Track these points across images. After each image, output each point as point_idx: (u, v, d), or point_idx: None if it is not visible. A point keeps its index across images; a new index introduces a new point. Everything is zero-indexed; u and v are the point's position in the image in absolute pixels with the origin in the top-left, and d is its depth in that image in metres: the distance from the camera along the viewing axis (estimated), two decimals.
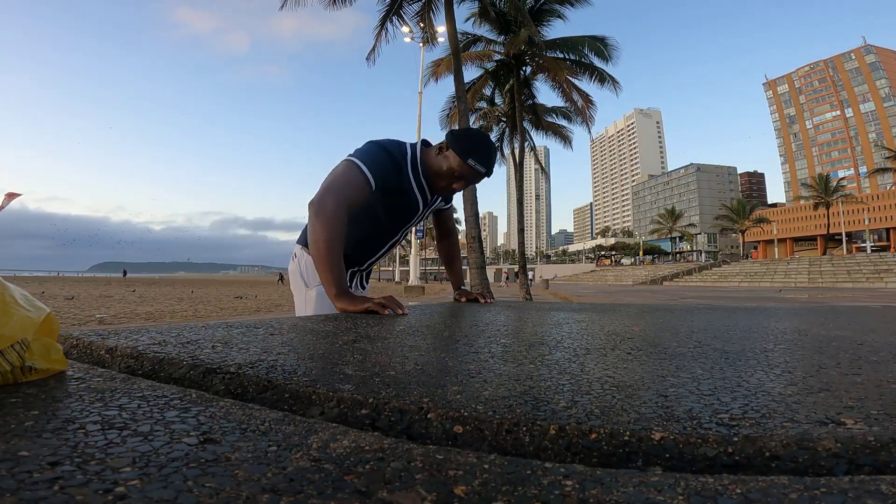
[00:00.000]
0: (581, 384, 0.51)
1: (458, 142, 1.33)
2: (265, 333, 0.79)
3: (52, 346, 0.48)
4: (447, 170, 1.34)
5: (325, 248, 1.18)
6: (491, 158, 1.36)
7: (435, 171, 1.36)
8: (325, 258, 1.18)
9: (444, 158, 1.34)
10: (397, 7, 11.39)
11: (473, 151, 1.32)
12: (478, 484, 0.28)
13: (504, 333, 0.91)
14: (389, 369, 0.56)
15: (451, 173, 1.34)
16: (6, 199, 1.97)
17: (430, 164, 1.37)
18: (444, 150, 1.34)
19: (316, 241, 1.19)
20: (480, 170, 1.34)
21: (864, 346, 0.81)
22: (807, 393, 0.49)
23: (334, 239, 1.18)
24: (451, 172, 1.34)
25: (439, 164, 1.35)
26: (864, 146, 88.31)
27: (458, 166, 1.33)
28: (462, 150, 1.32)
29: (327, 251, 1.18)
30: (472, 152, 1.32)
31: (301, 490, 0.26)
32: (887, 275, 26.61)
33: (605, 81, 14.00)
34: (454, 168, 1.33)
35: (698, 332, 0.97)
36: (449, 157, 1.33)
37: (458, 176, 1.35)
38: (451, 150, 1.33)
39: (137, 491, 0.25)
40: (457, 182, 1.36)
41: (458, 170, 1.33)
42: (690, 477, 0.30)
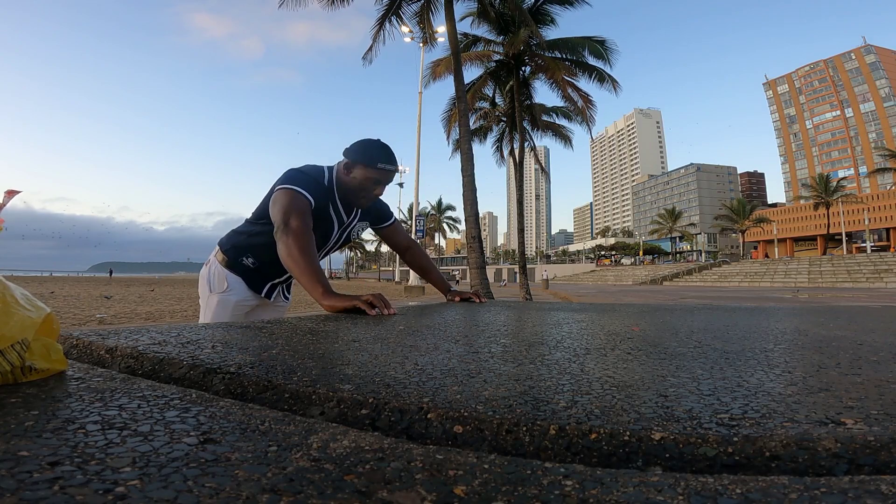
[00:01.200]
0: (581, 384, 0.51)
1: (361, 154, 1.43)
2: (265, 333, 0.79)
3: (52, 346, 0.48)
4: (362, 181, 1.43)
5: (301, 256, 1.22)
6: (392, 155, 1.46)
7: (351, 188, 1.45)
8: (303, 265, 1.22)
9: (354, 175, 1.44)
10: (396, 7, 11.39)
11: (378, 157, 1.42)
12: (478, 484, 0.28)
13: (504, 333, 0.91)
14: (389, 369, 0.56)
15: (368, 182, 1.44)
16: (6, 197, 1.96)
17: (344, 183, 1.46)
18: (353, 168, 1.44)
19: (290, 254, 1.24)
20: (392, 168, 1.45)
21: (864, 346, 0.81)
22: (807, 393, 0.49)
23: (306, 246, 1.24)
24: (366, 182, 1.44)
25: (352, 181, 1.44)
26: (864, 146, 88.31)
27: (371, 174, 1.43)
28: (369, 159, 1.42)
29: (303, 258, 1.22)
30: (377, 158, 1.42)
31: (301, 490, 0.26)
32: (887, 275, 26.61)
33: (604, 81, 13.98)
34: (369, 177, 1.43)
35: (698, 332, 0.97)
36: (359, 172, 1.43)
37: (375, 182, 1.45)
38: (358, 165, 1.43)
39: (137, 491, 0.25)
40: (375, 188, 1.46)
41: (373, 176, 1.43)
42: (690, 477, 0.30)
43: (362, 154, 1.43)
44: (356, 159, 1.43)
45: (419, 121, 21.99)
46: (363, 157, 1.42)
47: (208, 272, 1.57)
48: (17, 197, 3.06)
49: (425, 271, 1.82)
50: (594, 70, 14.02)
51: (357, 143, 1.47)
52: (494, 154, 18.73)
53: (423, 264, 1.83)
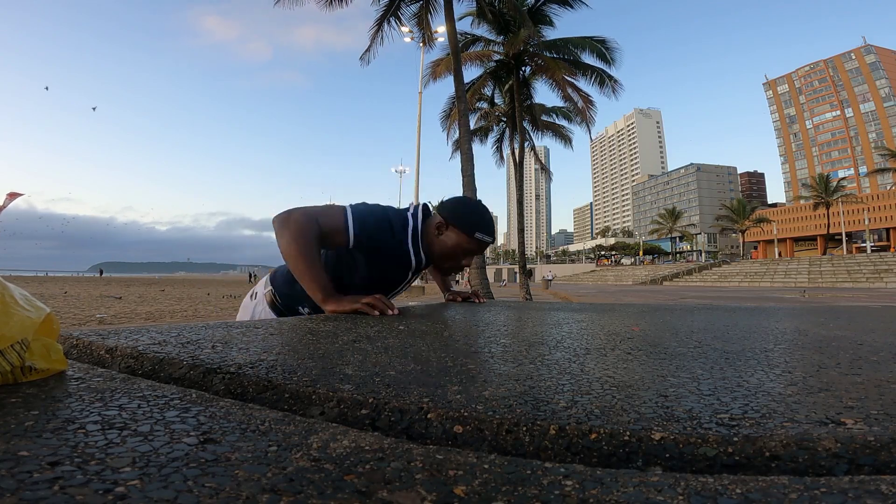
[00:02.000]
0: (581, 384, 0.51)
1: (459, 218, 1.31)
2: (265, 333, 0.79)
3: (52, 346, 0.48)
4: (453, 247, 1.31)
5: (300, 256, 1.15)
6: (492, 224, 1.35)
7: (439, 252, 1.33)
8: (303, 266, 1.15)
9: (447, 238, 1.31)
10: (395, 8, 11.40)
11: (477, 225, 1.31)
12: (478, 484, 0.28)
13: (504, 333, 0.91)
14: (389, 369, 0.56)
15: (460, 251, 1.32)
16: (7, 199, 1.96)
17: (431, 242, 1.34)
18: (444, 230, 1.31)
19: (289, 252, 1.16)
20: (489, 240, 1.33)
21: (864, 346, 0.81)
22: (807, 393, 0.49)
23: (306, 244, 1.16)
24: (458, 250, 1.32)
25: (443, 243, 1.32)
26: (864, 146, 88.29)
27: (466, 243, 1.31)
28: (467, 226, 1.30)
29: (303, 258, 1.15)
30: (476, 226, 1.30)
31: (301, 490, 0.26)
32: (887, 275, 26.60)
33: (604, 85, 13.98)
34: (462, 245, 1.31)
35: (698, 332, 0.97)
36: (452, 236, 1.31)
37: (467, 252, 1.33)
38: (452, 228, 1.31)
39: (137, 491, 0.25)
40: (465, 258, 1.34)
41: (467, 246, 1.31)
42: (690, 477, 0.30)
43: (461, 218, 1.30)
44: (454, 222, 1.30)
45: (419, 121, 21.99)
46: (461, 222, 1.30)
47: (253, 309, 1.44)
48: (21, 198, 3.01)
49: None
50: (594, 71, 14.01)
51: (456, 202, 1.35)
52: (494, 154, 18.75)
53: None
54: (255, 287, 1.50)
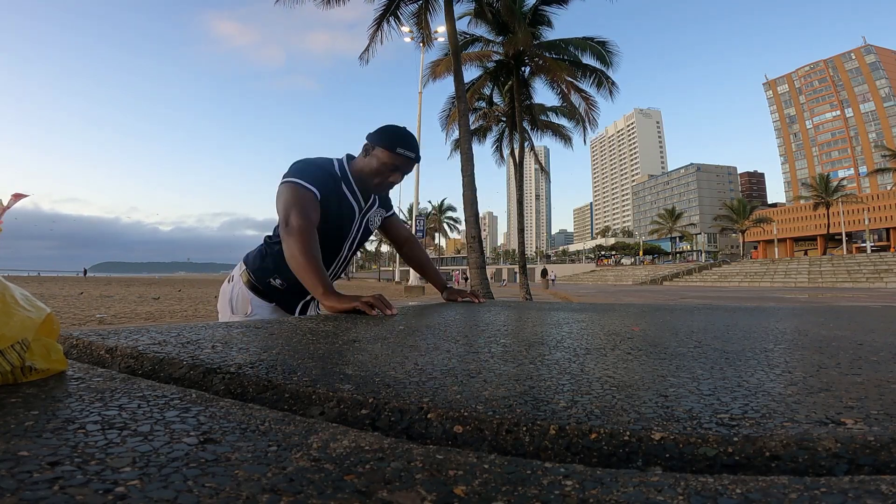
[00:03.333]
0: (581, 384, 0.51)
1: (382, 138, 1.41)
2: (265, 333, 0.79)
3: (52, 346, 0.48)
4: (379, 165, 1.41)
5: (303, 255, 1.21)
6: (415, 143, 1.44)
7: (367, 171, 1.43)
8: (305, 265, 1.21)
9: (373, 157, 1.41)
10: (394, 8, 11.39)
11: (399, 141, 1.40)
12: (478, 484, 0.28)
13: (504, 333, 0.91)
14: (389, 369, 0.56)
15: (385, 167, 1.41)
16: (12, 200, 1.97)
17: (360, 167, 1.44)
18: (371, 151, 1.42)
19: (293, 255, 1.22)
20: (410, 155, 1.42)
21: (864, 346, 0.81)
22: (807, 393, 0.49)
23: (308, 246, 1.22)
24: (383, 167, 1.41)
25: (370, 164, 1.42)
26: (864, 146, 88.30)
27: (388, 159, 1.40)
28: (388, 143, 1.40)
29: (305, 258, 1.21)
30: (397, 142, 1.40)
31: (301, 490, 0.26)
32: (887, 275, 26.60)
33: (601, 86, 14.00)
34: (386, 162, 1.40)
35: (698, 332, 0.97)
36: (378, 154, 1.41)
37: (392, 168, 1.42)
38: (377, 148, 1.41)
39: (137, 491, 0.25)
40: (392, 174, 1.43)
41: (391, 162, 1.41)
42: (690, 477, 0.30)
43: (382, 137, 1.41)
44: (376, 142, 1.41)
45: (419, 121, 22.00)
46: (382, 141, 1.40)
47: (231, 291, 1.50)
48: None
49: (421, 266, 1.80)
50: (594, 72, 14.02)
51: (380, 127, 1.45)
52: (494, 154, 18.75)
53: (422, 258, 1.81)
54: (232, 272, 1.57)
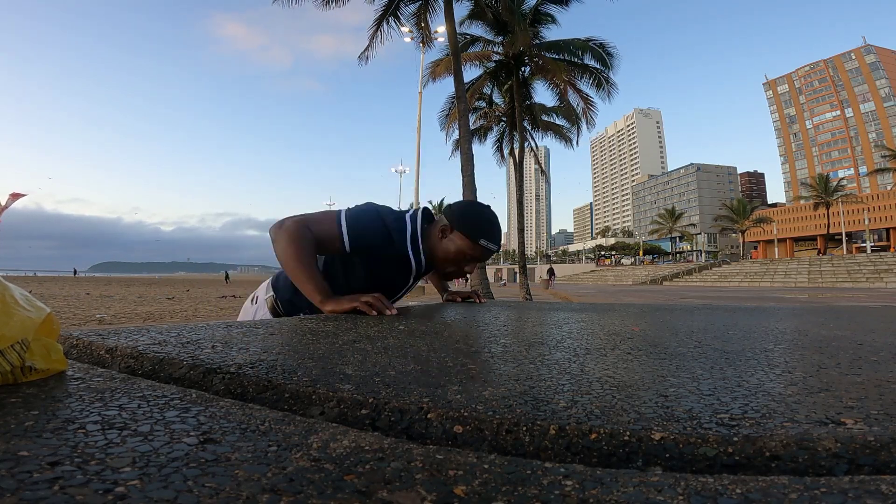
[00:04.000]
0: (581, 384, 0.51)
1: (465, 223, 1.27)
2: (265, 333, 0.79)
3: (52, 346, 0.48)
4: (455, 253, 1.28)
5: (295, 260, 1.16)
6: (499, 233, 1.32)
7: (441, 256, 1.30)
8: (299, 270, 1.16)
9: (451, 242, 1.28)
10: (394, 8, 11.40)
11: (483, 231, 1.28)
12: (478, 484, 0.28)
13: (504, 333, 0.91)
14: (389, 369, 0.56)
15: (462, 257, 1.29)
16: (10, 199, 1.97)
17: (433, 246, 1.31)
18: (449, 233, 1.28)
19: (286, 260, 1.17)
20: (493, 248, 1.30)
21: (864, 346, 0.81)
22: (807, 393, 0.49)
23: (301, 249, 1.16)
24: (461, 256, 1.29)
25: (446, 248, 1.29)
26: (864, 146, 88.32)
27: (469, 249, 1.28)
28: (472, 231, 1.27)
29: (298, 263, 1.16)
30: (482, 233, 1.27)
31: (301, 490, 0.26)
32: (887, 275, 26.59)
33: (601, 86, 14.03)
34: (465, 252, 1.28)
35: (698, 332, 0.97)
36: (456, 241, 1.28)
37: (470, 258, 1.30)
38: (457, 233, 1.28)
39: (137, 491, 0.25)
40: (469, 264, 1.32)
41: (470, 253, 1.28)
42: (690, 477, 0.30)
43: (466, 224, 1.27)
44: (458, 227, 1.27)
45: (419, 121, 21.99)
46: (465, 228, 1.27)
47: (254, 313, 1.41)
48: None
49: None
50: (593, 73, 14.04)
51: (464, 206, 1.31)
52: (494, 154, 18.76)
53: None
54: (256, 292, 1.48)
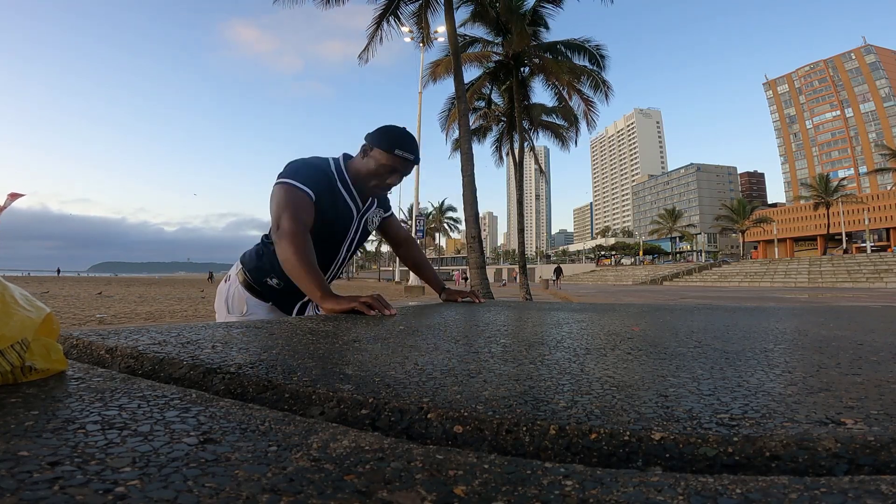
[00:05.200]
0: (581, 384, 0.51)
1: (380, 138, 1.38)
2: (265, 333, 0.79)
3: (52, 346, 0.48)
4: (377, 167, 1.38)
5: (297, 259, 1.19)
6: (414, 145, 1.40)
7: (364, 173, 1.40)
8: (300, 269, 1.19)
9: (371, 158, 1.39)
10: (394, 7, 11.40)
11: (397, 143, 1.37)
12: (478, 484, 0.28)
13: (504, 333, 0.91)
14: (389, 369, 0.56)
15: (383, 169, 1.39)
16: (8, 200, 1.97)
17: (357, 168, 1.42)
18: (369, 152, 1.39)
19: (287, 259, 1.21)
20: (409, 157, 1.39)
21: (864, 346, 0.81)
22: (807, 393, 0.49)
23: (301, 249, 1.21)
24: (381, 168, 1.39)
25: (367, 165, 1.40)
26: (864, 146, 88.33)
27: (387, 160, 1.37)
28: (387, 144, 1.37)
29: (299, 262, 1.19)
30: (396, 144, 1.37)
31: (301, 490, 0.26)
32: (887, 275, 26.59)
33: (598, 88, 14.10)
34: (384, 163, 1.38)
35: (698, 332, 0.97)
36: (375, 156, 1.38)
37: (391, 169, 1.39)
38: (375, 149, 1.38)
39: (137, 491, 0.25)
40: (390, 176, 1.41)
41: (389, 163, 1.38)
42: (690, 477, 0.30)
43: (381, 138, 1.38)
44: (374, 143, 1.38)
45: (419, 121, 22.00)
46: (381, 142, 1.37)
47: (227, 290, 1.49)
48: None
49: (418, 267, 1.79)
50: (590, 74, 14.09)
51: (379, 127, 1.42)
52: (494, 154, 18.76)
53: (419, 259, 1.79)
54: (229, 271, 1.56)
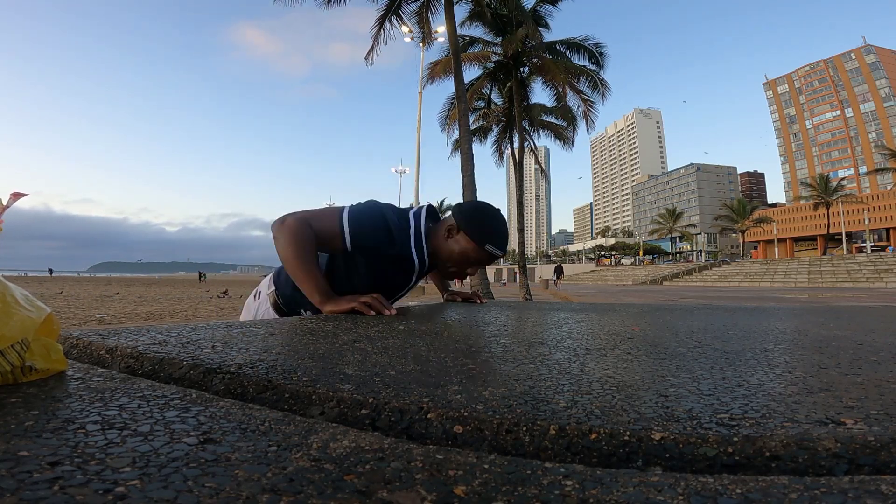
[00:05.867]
0: (581, 384, 0.51)
1: (472, 226, 1.24)
2: (265, 333, 0.79)
3: (52, 346, 0.48)
4: (460, 254, 1.26)
5: (296, 258, 1.15)
6: (505, 238, 1.28)
7: (445, 256, 1.28)
8: (299, 269, 1.15)
9: (456, 242, 1.26)
10: (396, 7, 11.42)
11: (490, 236, 1.25)
12: (478, 484, 0.28)
13: (504, 333, 0.91)
14: (389, 369, 0.56)
15: (466, 260, 1.27)
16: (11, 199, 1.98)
17: (438, 246, 1.28)
18: (455, 234, 1.26)
19: (286, 257, 1.16)
20: (498, 254, 1.26)
21: (864, 346, 0.81)
22: (807, 393, 0.49)
23: (302, 247, 1.15)
24: (464, 258, 1.26)
25: (450, 248, 1.26)
26: (864, 146, 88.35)
27: (474, 252, 1.25)
28: (478, 235, 1.24)
29: (299, 261, 1.15)
30: (488, 237, 1.24)
31: (301, 490, 0.26)
32: (887, 275, 26.59)
33: (597, 87, 14.14)
34: (469, 255, 1.25)
35: (698, 332, 0.97)
36: (461, 242, 1.25)
37: (474, 261, 1.27)
38: (462, 234, 1.25)
39: (137, 491, 0.25)
40: (472, 268, 1.30)
41: (475, 256, 1.25)
42: (690, 477, 0.30)
43: (473, 227, 1.24)
44: (465, 229, 1.24)
45: (419, 121, 21.99)
46: (473, 231, 1.23)
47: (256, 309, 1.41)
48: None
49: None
50: (589, 74, 14.12)
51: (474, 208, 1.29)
52: (494, 154, 18.77)
53: None
54: (259, 287, 1.48)
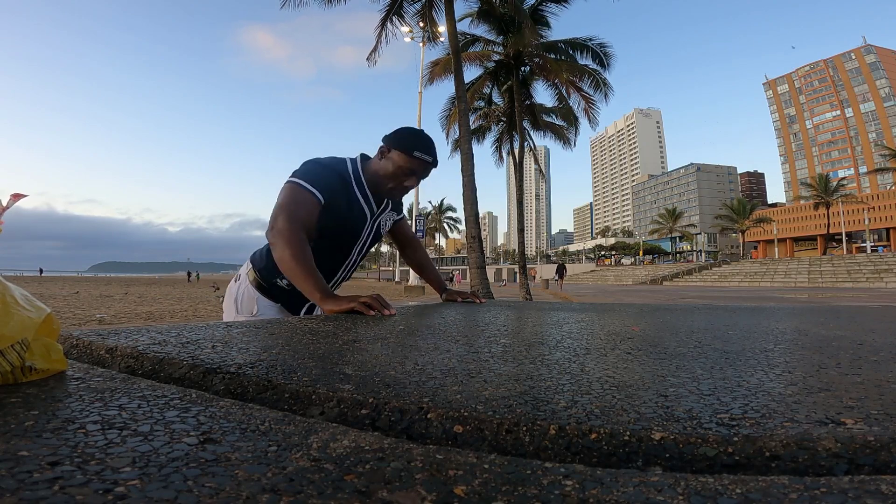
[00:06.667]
0: (581, 384, 0.51)
1: (398, 140, 1.37)
2: (265, 333, 0.79)
3: (52, 346, 0.48)
4: (394, 169, 1.37)
5: (293, 260, 1.18)
6: (432, 147, 1.39)
7: (381, 175, 1.39)
8: (297, 270, 1.18)
9: (389, 161, 1.38)
10: (398, 7, 11.42)
11: (416, 145, 1.36)
12: (478, 484, 0.28)
13: (504, 333, 0.91)
14: (389, 369, 0.56)
15: (401, 171, 1.38)
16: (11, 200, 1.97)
17: (374, 170, 1.41)
18: (387, 153, 1.38)
19: (282, 260, 1.20)
20: (428, 159, 1.38)
21: (864, 346, 0.81)
22: (807, 393, 0.49)
23: (298, 249, 1.20)
24: (399, 171, 1.38)
25: (385, 167, 1.38)
26: (864, 146, 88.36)
27: (405, 162, 1.36)
28: (405, 146, 1.36)
29: (296, 263, 1.18)
30: (414, 146, 1.36)
31: (301, 490, 0.26)
32: (887, 275, 26.59)
33: (599, 87, 14.14)
34: (402, 165, 1.37)
35: (698, 332, 0.97)
36: (393, 158, 1.37)
37: (409, 172, 1.38)
38: (393, 151, 1.37)
39: (137, 491, 0.25)
40: (408, 179, 1.40)
41: (407, 165, 1.37)
42: (690, 477, 0.30)
43: (399, 140, 1.37)
44: (392, 144, 1.37)
45: (419, 121, 22.00)
46: (399, 143, 1.36)
47: (237, 290, 1.48)
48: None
49: (423, 266, 1.81)
50: (591, 74, 14.10)
51: (397, 129, 1.42)
52: (494, 154, 18.76)
53: (423, 260, 1.81)
54: (239, 271, 1.56)
